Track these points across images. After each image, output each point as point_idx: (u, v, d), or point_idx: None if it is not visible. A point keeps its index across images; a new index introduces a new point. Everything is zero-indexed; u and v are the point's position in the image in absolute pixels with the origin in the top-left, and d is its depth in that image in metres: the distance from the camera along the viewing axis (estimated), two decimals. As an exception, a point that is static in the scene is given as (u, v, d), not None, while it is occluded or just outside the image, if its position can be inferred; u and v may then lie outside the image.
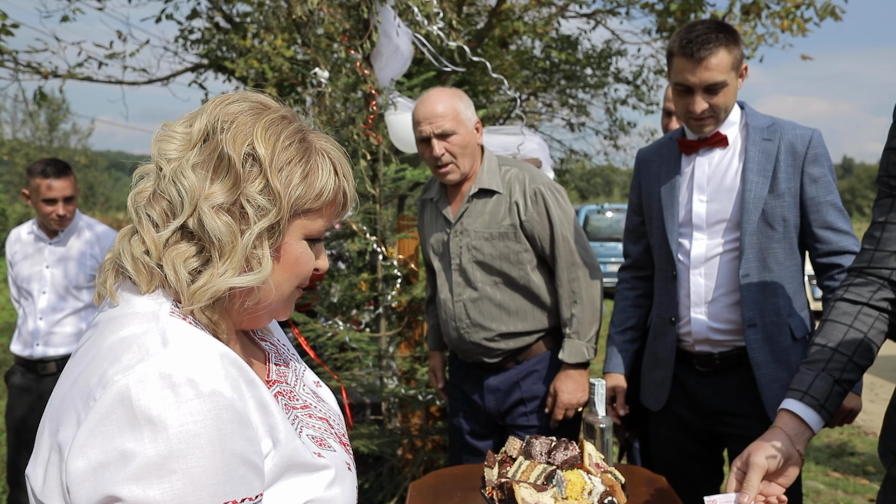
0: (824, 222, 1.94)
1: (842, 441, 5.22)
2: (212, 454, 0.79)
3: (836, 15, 5.98)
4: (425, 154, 2.33)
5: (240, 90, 5.27)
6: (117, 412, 0.77)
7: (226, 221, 0.89)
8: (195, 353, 0.83)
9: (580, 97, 10.36)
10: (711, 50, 1.87)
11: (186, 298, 0.89)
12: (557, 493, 1.54)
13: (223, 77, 7.46)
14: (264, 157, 0.90)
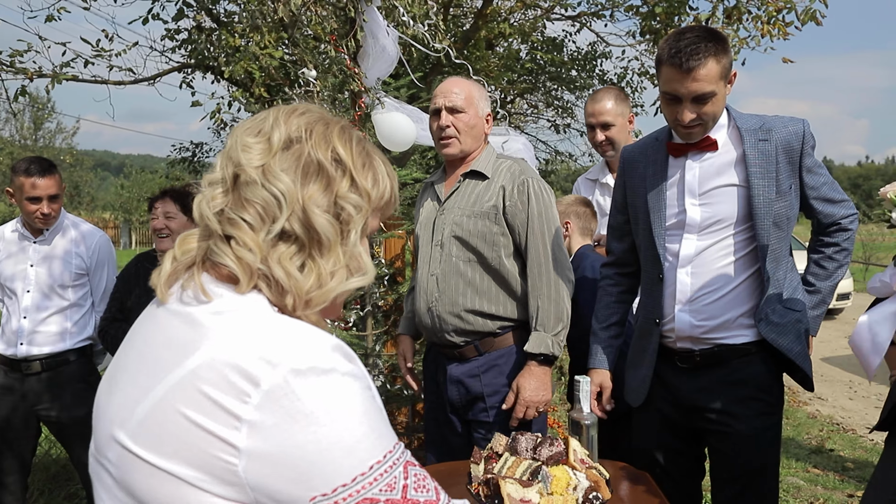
0: (824, 199, 2.06)
1: (822, 438, 5.29)
2: (369, 410, 0.89)
3: (817, 20, 6.06)
4: (433, 126, 2.45)
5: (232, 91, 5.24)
6: (286, 406, 0.84)
7: (329, 220, 0.96)
8: (319, 343, 0.89)
9: (565, 99, 10.44)
10: (700, 61, 1.85)
11: (301, 300, 0.95)
12: (543, 489, 1.57)
13: (211, 77, 7.42)
14: (347, 158, 0.99)
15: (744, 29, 6.68)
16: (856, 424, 5.71)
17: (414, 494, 0.92)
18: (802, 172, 2.01)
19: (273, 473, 0.85)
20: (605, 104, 2.99)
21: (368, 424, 0.89)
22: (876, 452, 4.89)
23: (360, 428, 0.88)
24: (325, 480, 0.86)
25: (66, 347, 3.07)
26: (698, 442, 2.18)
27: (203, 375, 0.86)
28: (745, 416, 2.02)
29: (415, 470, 0.94)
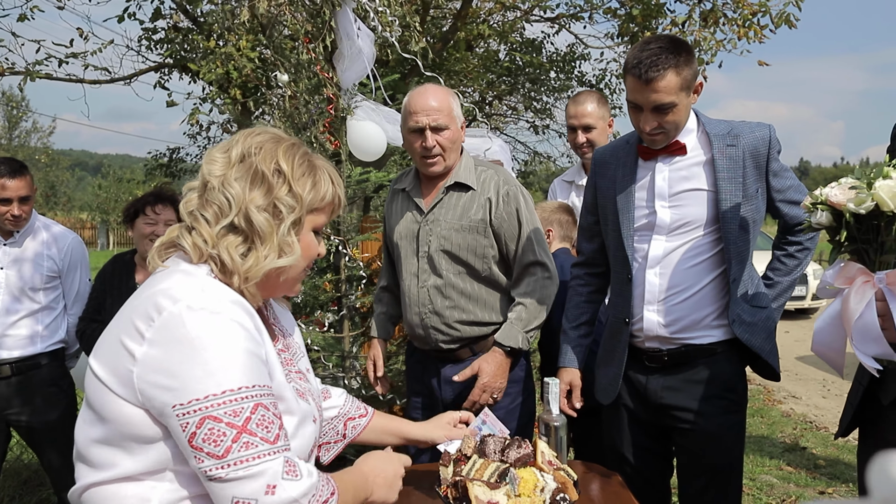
0: (790, 201, 2.10)
1: (795, 436, 5.36)
2: (239, 353, 1.16)
3: (791, 23, 6.15)
4: (415, 144, 2.40)
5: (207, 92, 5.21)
6: (172, 329, 1.14)
7: (265, 217, 1.25)
8: (224, 297, 1.21)
9: (544, 100, 10.49)
10: (660, 72, 1.89)
11: (241, 277, 1.24)
12: (510, 491, 1.58)
13: (188, 78, 7.38)
14: (287, 170, 1.28)
15: (720, 32, 6.76)
16: (829, 423, 5.79)
17: (254, 428, 1.14)
18: (769, 176, 2.05)
19: (151, 380, 1.13)
20: (587, 107, 3.02)
21: (235, 360, 1.15)
22: (847, 450, 4.97)
23: (226, 359, 1.14)
24: (185, 393, 1.12)
25: (37, 351, 3.03)
26: (666, 439, 2.22)
27: (135, 307, 1.19)
28: (710, 414, 2.06)
29: (265, 413, 1.17)
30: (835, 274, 1.47)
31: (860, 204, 1.37)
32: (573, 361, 2.29)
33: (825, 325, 1.49)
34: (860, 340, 1.41)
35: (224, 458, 1.12)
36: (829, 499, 1.13)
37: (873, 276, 1.41)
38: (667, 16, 6.84)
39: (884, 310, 1.39)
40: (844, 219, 1.41)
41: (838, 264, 1.48)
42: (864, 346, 1.41)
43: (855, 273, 1.44)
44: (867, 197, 1.37)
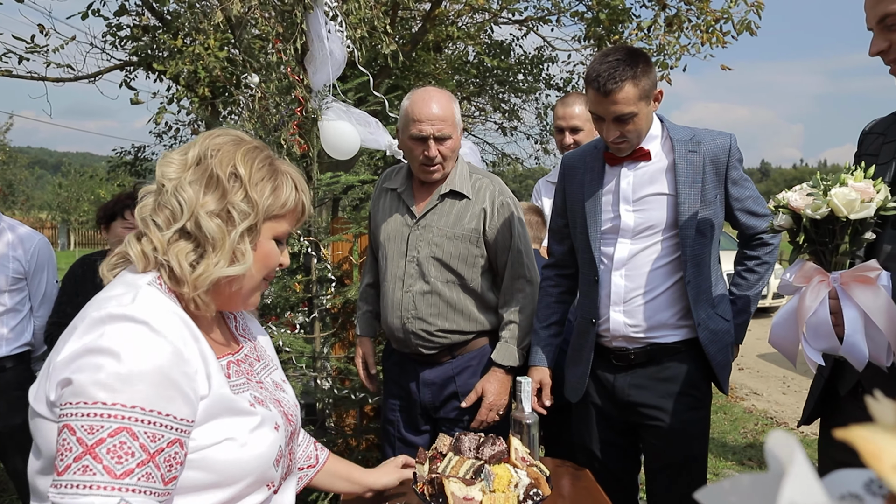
0: (748, 212, 2.17)
1: (756, 432, 5.50)
2: (151, 372, 1.05)
3: (752, 30, 6.31)
4: (415, 151, 2.37)
5: (176, 90, 5.17)
6: (88, 334, 1.06)
7: (217, 224, 1.18)
8: (155, 307, 1.13)
9: (512, 102, 10.57)
10: (618, 85, 1.95)
11: (190, 285, 1.17)
12: (485, 487, 1.61)
13: (154, 76, 7.29)
14: (244, 174, 1.21)
15: (684, 37, 6.90)
16: (788, 418, 5.96)
17: (102, 453, 1.00)
18: (728, 184, 2.11)
19: (58, 377, 1.05)
20: (575, 108, 3.06)
21: (131, 375, 1.03)
22: (806, 444, 5.12)
23: (122, 373, 1.03)
24: (67, 395, 1.04)
25: (3, 354, 2.99)
26: (633, 436, 2.28)
27: (75, 320, 1.13)
28: (675, 411, 2.13)
29: (127, 441, 1.02)
30: (794, 273, 1.54)
31: (816, 210, 1.44)
32: (543, 360, 2.33)
33: (782, 320, 1.56)
34: (812, 336, 1.48)
35: (60, 477, 1.00)
36: (746, 475, 1.18)
37: (829, 275, 1.48)
38: (633, 20, 6.96)
39: (836, 307, 1.46)
40: (803, 222, 1.48)
41: (798, 264, 1.55)
42: (815, 341, 1.48)
43: (812, 272, 1.51)
44: (823, 203, 1.43)
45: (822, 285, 1.48)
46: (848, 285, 1.45)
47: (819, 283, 1.48)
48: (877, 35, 1.55)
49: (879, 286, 1.42)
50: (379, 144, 3.74)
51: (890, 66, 1.56)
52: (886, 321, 1.40)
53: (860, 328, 1.43)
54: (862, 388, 1.63)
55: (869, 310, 1.42)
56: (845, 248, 1.48)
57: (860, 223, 1.45)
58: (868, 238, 1.47)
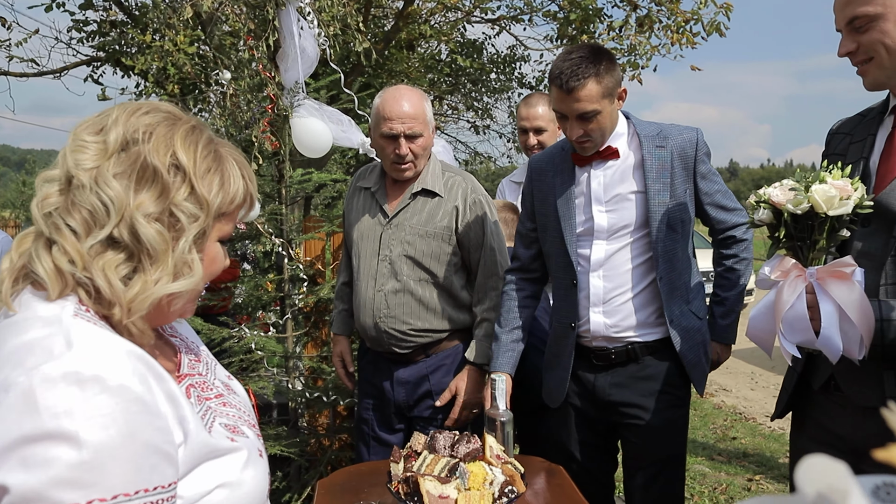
0: (718, 206, 2.17)
1: (725, 427, 5.59)
2: (122, 445, 0.81)
3: (721, 31, 6.41)
4: (387, 149, 2.36)
5: (141, 87, 5.08)
6: (22, 413, 0.78)
7: (157, 230, 0.92)
8: (100, 350, 0.86)
9: (485, 101, 10.59)
10: (581, 82, 1.95)
11: (125, 308, 0.91)
12: (460, 485, 1.62)
13: (122, 72, 7.16)
14: (187, 165, 0.95)
15: (655, 37, 6.97)
16: (756, 413, 6.06)
17: None
18: (697, 178, 2.12)
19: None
20: (538, 109, 3.04)
21: (111, 457, 0.80)
22: (773, 438, 5.22)
23: (95, 457, 0.79)
24: (33, 502, 0.77)
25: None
26: (612, 435, 2.29)
27: None
28: (656, 409, 2.14)
29: None
30: (772, 267, 1.57)
31: (798, 205, 1.47)
32: (504, 366, 2.27)
33: (760, 313, 1.59)
34: (788, 329, 1.51)
35: None
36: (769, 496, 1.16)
37: (805, 270, 1.51)
38: (604, 20, 7.01)
39: (813, 302, 1.49)
40: (783, 217, 1.51)
41: (776, 259, 1.57)
42: (791, 335, 1.51)
43: (789, 267, 1.54)
44: (804, 199, 1.46)
45: (799, 280, 1.51)
46: (824, 280, 1.48)
47: (796, 278, 1.51)
48: (845, 37, 1.58)
49: (854, 281, 1.45)
50: (351, 143, 3.73)
51: (857, 66, 1.59)
52: (860, 315, 1.44)
53: (835, 322, 1.46)
54: (834, 381, 1.66)
55: (844, 304, 1.45)
56: (822, 245, 1.51)
57: (837, 220, 1.48)
58: (843, 235, 1.51)
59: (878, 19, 1.50)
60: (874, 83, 1.59)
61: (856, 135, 1.71)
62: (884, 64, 1.53)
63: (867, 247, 1.57)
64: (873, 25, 1.51)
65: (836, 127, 1.83)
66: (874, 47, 1.53)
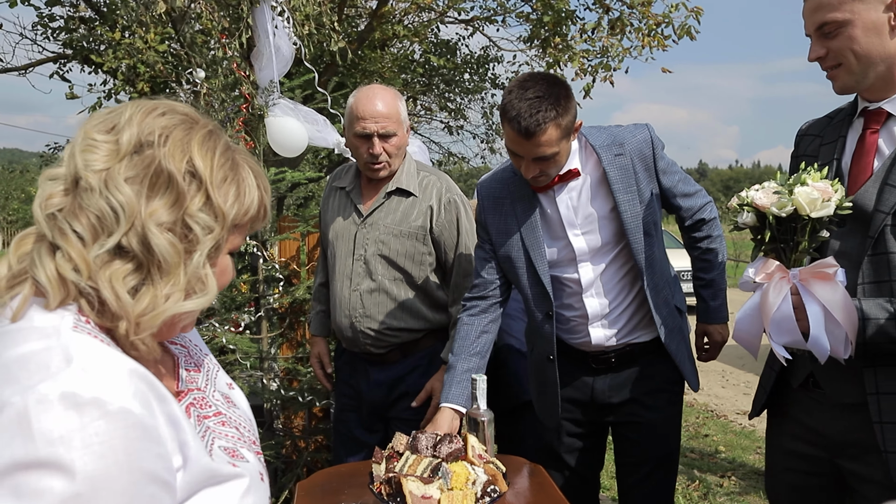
0: (682, 193, 2.14)
1: (698, 424, 5.66)
2: (119, 475, 0.76)
3: (692, 35, 6.50)
4: (360, 149, 2.35)
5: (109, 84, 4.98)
6: (15, 436, 0.73)
7: (170, 241, 0.86)
8: (101, 369, 0.80)
9: (458, 101, 10.61)
10: (540, 127, 1.82)
11: (133, 323, 0.86)
12: (443, 485, 1.61)
13: (89, 69, 7.03)
14: (204, 173, 0.90)
15: (627, 39, 7.05)
16: (727, 411, 6.15)
17: None
18: (659, 176, 2.08)
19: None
20: None
21: (111, 487, 0.75)
22: (745, 435, 5.30)
23: (91, 489, 0.74)
24: None
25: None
26: (601, 435, 2.30)
27: None
28: (654, 407, 2.14)
29: None
30: (756, 270, 1.59)
31: (781, 208, 1.49)
32: (456, 399, 2.05)
33: (745, 316, 1.61)
34: (776, 331, 1.53)
35: None
36: None
37: (789, 272, 1.54)
38: (577, 23, 7.07)
39: (798, 303, 1.51)
40: (767, 220, 1.53)
41: (759, 261, 1.59)
42: (778, 336, 1.53)
43: (773, 270, 1.56)
44: (788, 202, 1.48)
45: (784, 282, 1.53)
46: (807, 281, 1.51)
47: (780, 280, 1.53)
48: (815, 42, 1.61)
49: (837, 281, 1.48)
50: (327, 142, 3.71)
51: (827, 71, 1.63)
52: (844, 315, 1.46)
53: (822, 322, 1.48)
54: (814, 379, 1.69)
55: (828, 304, 1.47)
56: (804, 246, 1.53)
57: (818, 221, 1.50)
58: (824, 236, 1.54)
59: (846, 25, 1.53)
60: (844, 87, 1.62)
61: (826, 136, 1.75)
62: (852, 69, 1.57)
63: (844, 247, 1.60)
64: (842, 31, 1.54)
65: (804, 128, 1.86)
66: (843, 53, 1.56)
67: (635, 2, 6.69)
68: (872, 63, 1.54)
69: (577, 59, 6.87)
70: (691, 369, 2.19)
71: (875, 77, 1.56)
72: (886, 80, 1.57)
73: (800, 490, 1.78)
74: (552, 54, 7.05)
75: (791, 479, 1.81)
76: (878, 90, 1.59)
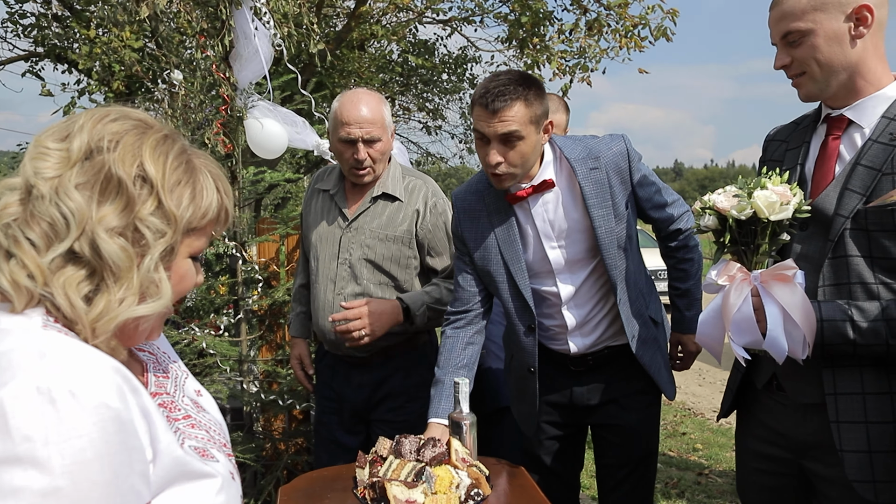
0: (658, 205, 2.13)
1: (675, 423, 5.72)
2: (99, 469, 0.77)
3: (668, 36, 6.57)
4: (345, 154, 2.34)
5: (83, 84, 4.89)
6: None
7: (121, 245, 0.87)
8: (74, 363, 0.81)
9: (436, 101, 10.62)
10: (507, 102, 1.85)
11: (88, 330, 0.87)
12: (427, 489, 1.62)
13: (62, 68, 6.92)
14: (155, 177, 0.90)
15: (604, 40, 7.10)
16: (704, 409, 6.22)
17: None
18: (635, 188, 2.07)
19: None
20: None
21: (88, 479, 0.76)
22: (721, 433, 5.37)
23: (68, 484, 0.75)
24: None
25: None
26: (580, 436, 2.32)
27: None
28: (634, 408, 2.16)
29: None
30: (718, 272, 1.61)
31: (741, 210, 1.52)
32: (447, 412, 2.00)
33: (708, 318, 1.64)
34: (736, 332, 1.56)
35: None
36: None
37: (750, 274, 1.57)
38: (554, 24, 7.11)
39: (758, 304, 1.54)
40: (728, 223, 1.55)
41: (721, 263, 1.62)
42: (739, 337, 1.56)
43: (735, 272, 1.59)
44: (747, 205, 1.51)
45: (745, 283, 1.56)
46: (768, 283, 1.54)
47: (742, 282, 1.56)
48: (780, 50, 1.65)
49: (796, 283, 1.51)
50: (306, 144, 3.69)
51: (792, 79, 1.67)
52: (802, 316, 1.49)
53: (780, 324, 1.51)
54: (777, 381, 1.73)
55: (787, 306, 1.50)
56: (765, 249, 1.56)
57: (778, 224, 1.53)
58: (784, 239, 1.57)
59: (809, 35, 1.57)
60: (808, 95, 1.67)
61: (791, 142, 1.79)
62: (816, 77, 1.61)
63: (805, 250, 1.64)
64: (805, 41, 1.58)
65: (772, 134, 1.91)
66: (806, 61, 1.60)
67: (612, 3, 6.75)
68: (834, 71, 1.59)
69: (556, 60, 6.91)
70: (667, 378, 2.19)
71: (837, 85, 1.61)
72: (848, 88, 1.61)
73: (769, 490, 1.82)
74: (530, 55, 7.08)
75: (760, 480, 1.84)
76: (840, 98, 1.63)
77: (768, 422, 1.78)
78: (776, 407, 1.75)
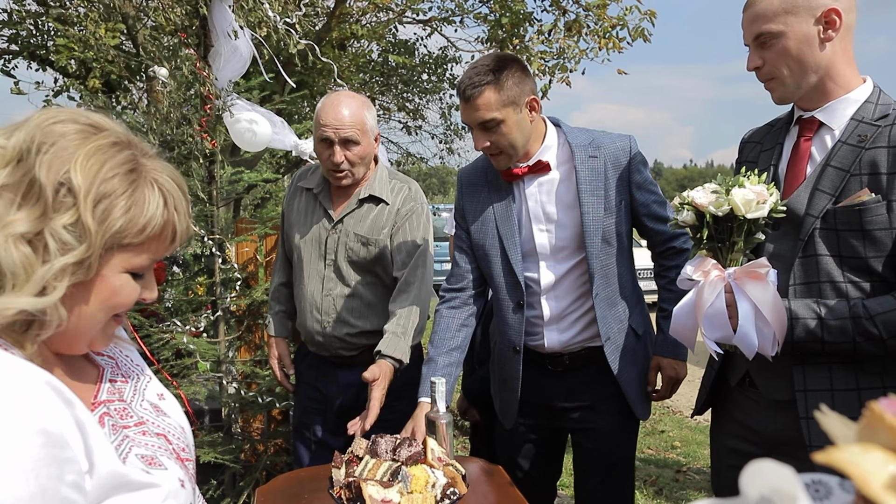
0: (655, 217, 2.11)
1: (654, 421, 5.77)
2: (24, 483, 0.74)
3: (646, 37, 6.62)
4: (323, 155, 2.33)
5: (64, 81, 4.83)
6: None
7: (24, 253, 0.84)
8: (2, 378, 0.78)
9: (416, 101, 10.61)
10: (479, 90, 1.92)
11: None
12: (403, 489, 1.62)
13: (36, 65, 6.83)
14: (79, 187, 0.86)
15: (583, 41, 7.13)
16: (682, 407, 6.28)
17: None
18: (632, 189, 2.07)
19: None
20: None
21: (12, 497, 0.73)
22: (699, 431, 5.42)
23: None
24: None
25: None
26: (558, 441, 2.31)
27: None
28: (608, 413, 2.15)
29: None
30: (693, 267, 1.64)
31: (719, 207, 1.55)
32: None
33: (682, 311, 1.67)
34: (708, 326, 1.59)
35: None
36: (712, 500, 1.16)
37: (724, 271, 1.59)
38: (534, 24, 7.13)
39: (731, 300, 1.57)
40: (705, 219, 1.58)
41: (697, 259, 1.65)
42: (711, 332, 1.59)
43: (709, 268, 1.61)
44: (725, 202, 1.54)
45: (719, 280, 1.59)
46: (741, 280, 1.57)
47: (716, 278, 1.59)
48: (752, 52, 1.68)
49: (768, 281, 1.54)
50: (284, 144, 3.69)
51: (764, 82, 1.69)
52: (773, 314, 1.52)
53: (751, 320, 1.54)
54: (749, 378, 1.76)
55: (759, 303, 1.53)
56: (740, 246, 1.59)
57: (753, 223, 1.56)
58: (759, 238, 1.60)
59: (780, 37, 1.60)
60: (781, 98, 1.70)
61: (765, 143, 1.82)
62: (786, 81, 1.65)
63: (778, 249, 1.68)
64: (776, 43, 1.61)
65: (747, 136, 1.94)
66: (777, 63, 1.63)
67: (591, 4, 6.79)
68: (805, 73, 1.62)
69: (536, 61, 6.94)
70: (638, 394, 2.13)
71: (808, 87, 1.64)
72: (819, 91, 1.64)
73: None
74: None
75: (734, 476, 1.86)
76: (811, 100, 1.66)
77: (741, 418, 1.80)
78: (749, 404, 1.78)
